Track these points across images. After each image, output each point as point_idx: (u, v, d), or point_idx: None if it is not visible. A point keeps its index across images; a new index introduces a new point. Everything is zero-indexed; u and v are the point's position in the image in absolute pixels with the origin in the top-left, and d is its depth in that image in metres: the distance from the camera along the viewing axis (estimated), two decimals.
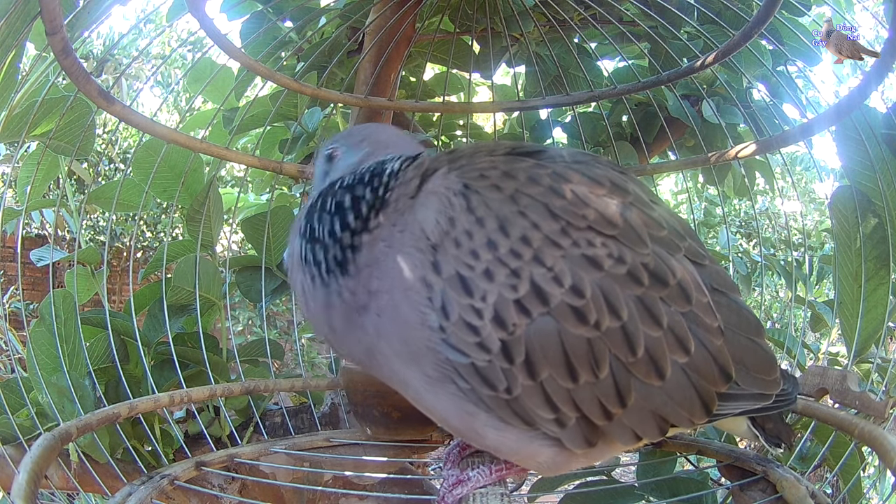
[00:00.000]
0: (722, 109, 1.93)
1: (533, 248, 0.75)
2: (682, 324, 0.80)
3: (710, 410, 0.84)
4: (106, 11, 1.32)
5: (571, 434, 0.79)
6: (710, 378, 0.83)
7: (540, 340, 0.74)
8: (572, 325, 0.74)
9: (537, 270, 0.74)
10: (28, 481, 0.86)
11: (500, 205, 0.77)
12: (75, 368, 1.46)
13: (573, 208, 0.78)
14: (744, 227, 6.06)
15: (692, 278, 0.83)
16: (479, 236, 0.75)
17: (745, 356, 0.88)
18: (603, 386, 0.76)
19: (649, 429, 0.82)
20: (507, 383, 0.75)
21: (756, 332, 0.90)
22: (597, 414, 0.78)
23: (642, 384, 0.78)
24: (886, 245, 1.36)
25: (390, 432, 1.37)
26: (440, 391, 0.80)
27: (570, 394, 0.76)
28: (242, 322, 5.63)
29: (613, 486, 1.54)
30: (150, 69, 8.36)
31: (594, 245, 0.77)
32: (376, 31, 1.81)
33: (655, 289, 0.79)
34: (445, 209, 0.78)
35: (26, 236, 5.93)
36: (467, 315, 0.74)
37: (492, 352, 0.74)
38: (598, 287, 0.75)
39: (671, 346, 0.79)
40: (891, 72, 1.15)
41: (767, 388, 0.89)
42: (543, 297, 0.74)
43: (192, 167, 1.70)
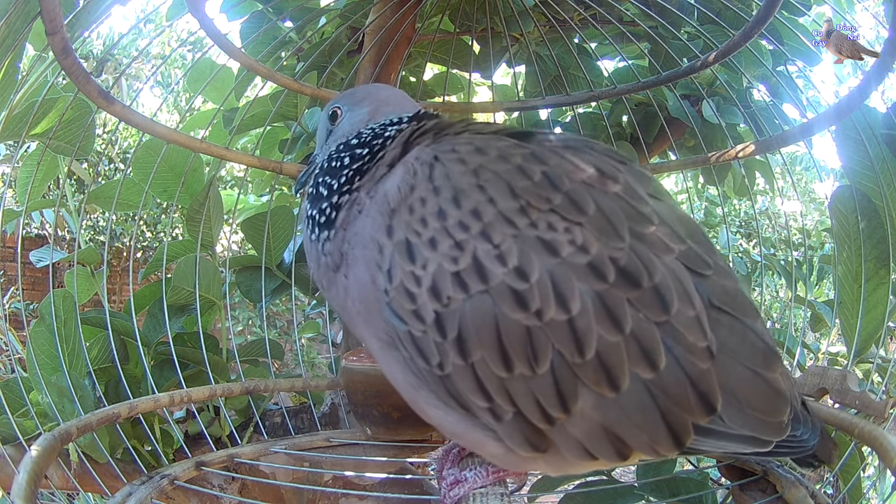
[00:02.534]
0: (722, 109, 1.93)
1: (482, 223, 0.71)
2: (652, 334, 0.71)
3: (681, 443, 0.73)
4: (106, 11, 1.32)
5: (509, 431, 0.73)
6: (684, 405, 0.72)
7: (474, 319, 0.70)
8: (510, 308, 0.69)
9: (482, 246, 0.70)
10: (28, 481, 0.86)
11: (460, 177, 0.74)
12: (75, 368, 1.46)
13: (537, 189, 0.73)
14: (744, 227, 6.06)
15: (678, 286, 0.73)
16: (431, 205, 0.73)
17: (741, 389, 0.74)
18: (541, 382, 0.70)
19: (603, 448, 0.73)
20: (440, 358, 0.72)
21: (764, 364, 0.76)
22: (535, 414, 0.71)
23: (591, 392, 0.70)
24: (886, 245, 1.36)
25: (390, 432, 1.37)
26: (390, 357, 0.79)
27: (504, 384, 0.70)
28: (242, 322, 5.63)
29: (613, 485, 1.53)
30: (150, 69, 8.36)
31: (555, 229, 0.71)
32: (376, 31, 1.81)
33: (623, 288, 0.70)
34: (408, 178, 0.77)
35: (26, 236, 5.93)
36: (408, 281, 0.72)
37: (426, 322, 0.72)
38: (547, 273, 0.69)
39: (633, 357, 0.70)
40: (891, 72, 1.15)
41: (766, 432, 0.76)
42: (483, 273, 0.70)
43: (191, 167, 1.70)
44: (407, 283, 0.72)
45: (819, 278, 2.71)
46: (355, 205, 0.83)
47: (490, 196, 0.72)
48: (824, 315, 1.95)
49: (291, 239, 1.84)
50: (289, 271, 1.80)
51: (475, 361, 0.70)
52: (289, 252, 1.87)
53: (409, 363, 0.76)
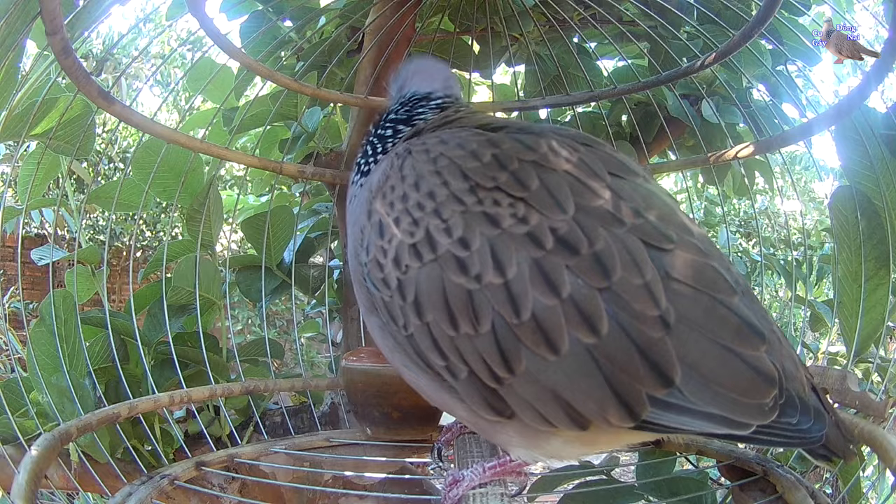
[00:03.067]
0: (721, 109, 1.93)
1: (436, 203, 0.81)
2: (593, 300, 0.73)
3: (635, 414, 0.73)
4: (106, 11, 1.32)
5: (467, 390, 0.79)
6: (632, 373, 0.73)
7: (426, 284, 0.79)
8: (454, 273, 0.77)
9: (434, 221, 0.80)
10: (28, 481, 0.86)
11: (422, 165, 0.85)
12: (75, 368, 1.46)
13: (485, 170, 0.82)
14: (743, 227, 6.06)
15: (625, 255, 0.75)
16: (398, 190, 0.85)
17: (706, 363, 0.74)
18: (484, 342, 0.76)
19: (556, 414, 0.75)
20: (404, 320, 0.81)
21: (737, 339, 0.75)
22: (483, 372, 0.77)
23: (532, 354, 0.74)
24: (886, 245, 1.36)
25: (390, 432, 1.38)
26: (373, 322, 0.90)
27: (454, 342, 0.78)
28: (242, 321, 5.64)
29: (613, 485, 1.54)
30: (150, 68, 8.36)
31: (498, 204, 0.79)
32: (376, 30, 1.81)
33: (561, 255, 0.75)
34: (386, 168, 0.90)
35: (26, 236, 5.93)
36: (378, 254, 0.84)
37: (391, 288, 0.82)
38: (487, 242, 0.77)
39: (571, 320, 0.73)
40: (891, 72, 1.15)
41: (742, 413, 0.74)
42: (433, 244, 0.79)
43: (191, 167, 1.70)
44: (378, 255, 0.84)
45: (819, 278, 2.71)
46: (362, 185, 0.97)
47: (444, 179, 0.83)
48: (824, 315, 1.95)
49: (291, 238, 1.84)
50: (289, 271, 1.81)
51: (429, 322, 0.79)
52: (289, 252, 1.87)
53: (385, 327, 0.86)
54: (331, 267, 1.99)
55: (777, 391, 0.75)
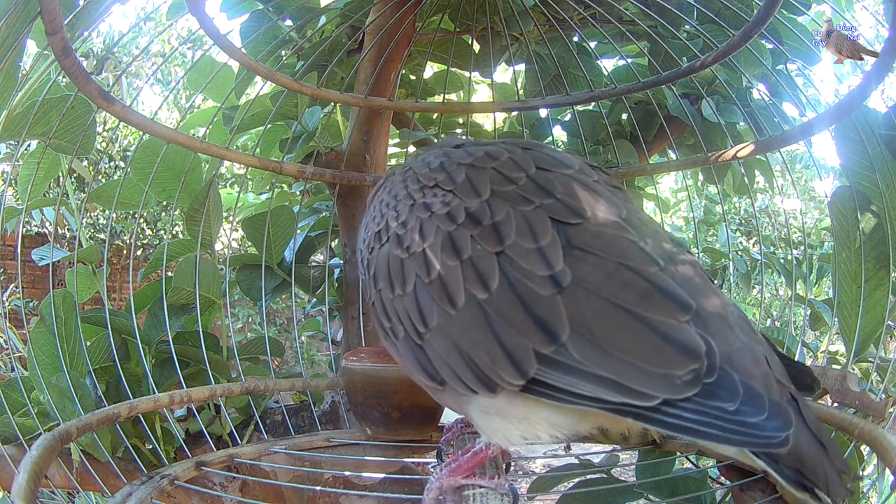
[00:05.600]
0: (721, 108, 1.93)
1: (396, 201, 1.00)
2: (489, 261, 0.83)
3: (523, 371, 0.76)
4: (106, 11, 1.32)
5: (404, 349, 0.91)
6: (520, 328, 0.77)
7: (380, 259, 0.96)
8: (395, 248, 0.94)
9: (390, 213, 0.98)
10: (28, 481, 0.86)
11: (396, 178, 1.05)
12: (75, 368, 1.46)
13: (431, 174, 0.98)
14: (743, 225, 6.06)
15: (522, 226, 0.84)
16: (378, 198, 1.06)
17: (599, 325, 0.74)
18: (409, 300, 0.89)
19: (462, 368, 0.82)
20: (370, 292, 0.99)
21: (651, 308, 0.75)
22: (411, 328, 0.89)
23: (440, 309, 0.85)
24: (886, 246, 1.36)
25: (390, 432, 1.38)
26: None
27: (393, 304, 0.92)
28: (242, 320, 5.64)
29: (612, 485, 1.54)
30: (151, 67, 8.36)
31: (435, 196, 0.94)
32: (376, 30, 1.81)
33: (468, 227, 0.87)
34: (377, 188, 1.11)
35: (26, 234, 5.94)
36: (361, 244, 1.05)
37: (365, 267, 1.01)
38: (419, 222, 0.92)
39: (468, 279, 0.83)
40: (891, 72, 1.15)
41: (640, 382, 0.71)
42: (388, 229, 0.97)
43: (191, 166, 1.70)
44: (360, 245, 1.05)
45: (819, 277, 2.71)
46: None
47: (406, 184, 1.01)
48: (823, 314, 1.95)
49: (292, 237, 1.84)
50: (289, 269, 1.81)
51: (381, 289, 0.95)
52: (289, 250, 1.87)
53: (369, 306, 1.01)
54: (331, 266, 1.99)
55: (700, 366, 0.70)
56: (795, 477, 0.72)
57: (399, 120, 2.23)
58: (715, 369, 0.71)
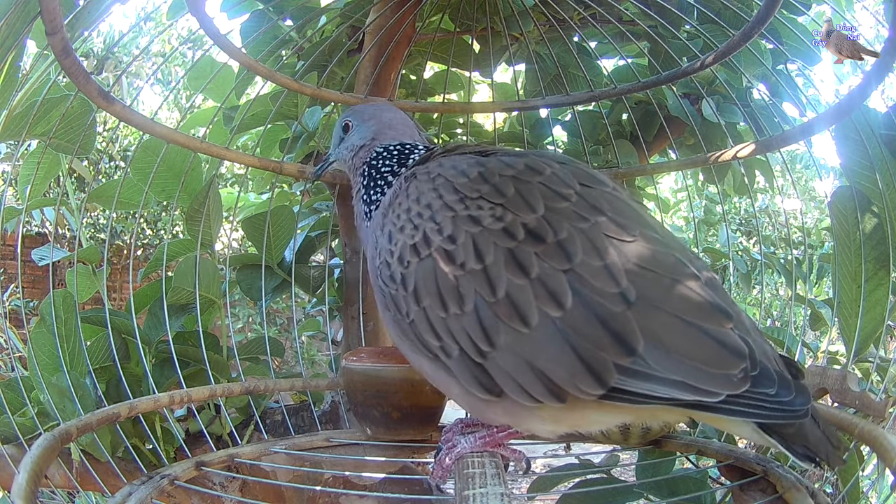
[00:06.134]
0: (722, 108, 1.93)
1: (432, 211, 0.97)
2: (558, 279, 0.86)
3: (603, 381, 0.82)
4: (106, 11, 1.32)
5: (459, 367, 0.91)
6: (598, 343, 0.83)
7: (423, 275, 0.94)
8: (444, 263, 0.92)
9: (429, 225, 0.96)
10: (28, 481, 0.86)
11: (423, 184, 1.02)
12: (76, 368, 1.46)
13: (472, 184, 0.97)
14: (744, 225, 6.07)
15: (587, 244, 0.87)
16: (403, 205, 1.02)
17: (669, 335, 0.83)
18: (469, 320, 0.89)
19: (533, 384, 0.86)
20: (406, 308, 0.96)
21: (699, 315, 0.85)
22: (470, 347, 0.89)
23: (508, 328, 0.86)
24: (886, 245, 1.36)
25: (390, 432, 1.38)
26: (387, 317, 1.03)
27: (445, 323, 0.91)
28: (242, 319, 5.64)
29: (612, 485, 1.54)
30: (151, 67, 8.36)
31: (481, 209, 0.93)
32: (377, 30, 1.81)
33: (531, 244, 0.88)
34: (396, 190, 1.07)
35: (26, 234, 5.94)
36: (388, 256, 1.00)
37: (396, 282, 0.98)
38: (471, 238, 0.91)
39: (540, 297, 0.85)
40: (891, 72, 1.15)
41: (709, 382, 0.81)
42: (428, 242, 0.95)
43: (191, 166, 1.70)
44: (387, 257, 1.00)
45: (819, 277, 2.71)
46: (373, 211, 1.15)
47: (440, 193, 0.98)
48: (823, 314, 1.95)
49: (292, 237, 1.84)
50: (289, 269, 1.81)
51: (426, 307, 0.93)
52: (289, 250, 1.87)
53: (395, 319, 1.00)
54: (331, 266, 1.99)
55: (747, 364, 0.82)
56: (803, 451, 0.84)
57: None
58: (756, 364, 0.83)
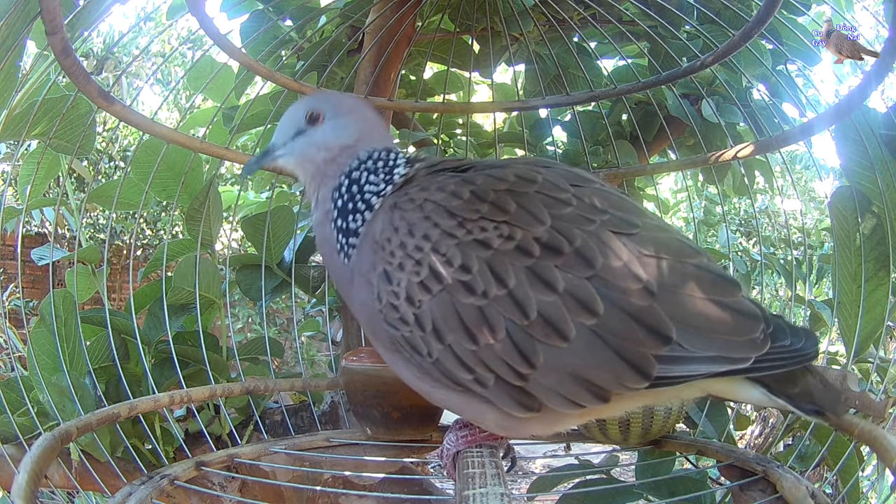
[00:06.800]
0: (721, 108, 1.93)
1: (431, 242, 0.90)
2: (585, 287, 0.85)
3: (647, 374, 0.84)
4: (106, 11, 1.32)
5: (497, 395, 0.89)
6: (634, 339, 0.84)
7: (441, 311, 0.89)
8: (463, 296, 0.87)
9: (434, 258, 0.89)
10: (28, 481, 0.86)
11: (410, 213, 0.94)
12: (75, 368, 1.46)
13: (468, 205, 0.92)
14: (743, 226, 6.07)
15: (601, 245, 0.88)
16: (394, 241, 0.93)
17: (695, 317, 0.86)
18: (504, 347, 0.86)
19: (579, 393, 0.86)
20: (427, 349, 0.90)
21: (715, 290, 0.88)
22: (509, 374, 0.87)
23: (547, 346, 0.85)
24: (886, 245, 1.36)
25: (390, 432, 1.38)
26: (396, 359, 0.98)
27: (477, 355, 0.87)
28: (242, 320, 5.64)
29: (612, 485, 1.54)
30: (151, 67, 8.36)
31: (486, 230, 0.89)
32: (376, 30, 1.81)
33: (549, 258, 0.87)
34: (379, 224, 0.97)
35: (26, 234, 5.93)
36: (391, 298, 0.92)
37: (409, 324, 0.91)
38: (485, 263, 0.87)
39: (572, 309, 0.85)
40: (891, 72, 1.15)
41: (738, 350, 0.85)
42: (439, 277, 0.89)
43: (191, 166, 1.70)
44: (391, 299, 0.92)
45: (818, 277, 2.71)
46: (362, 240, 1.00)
47: (434, 221, 0.92)
48: (823, 314, 1.95)
49: (291, 238, 1.84)
50: (289, 270, 1.81)
51: (451, 343, 0.88)
52: (289, 251, 1.87)
53: (410, 360, 0.94)
54: None
55: (763, 325, 0.86)
56: (810, 407, 0.89)
57: (399, 120, 2.23)
58: (770, 322, 0.87)
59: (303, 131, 1.09)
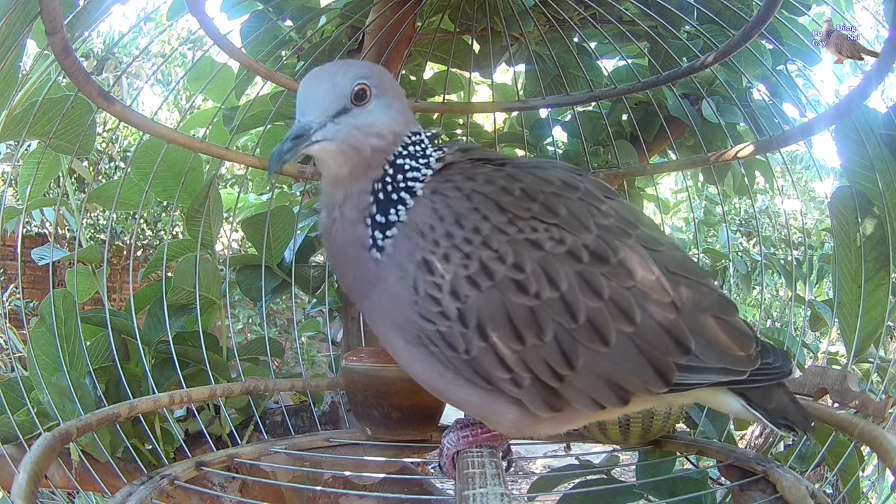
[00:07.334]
0: (722, 108, 1.93)
1: (482, 236, 0.88)
2: (626, 297, 0.89)
3: (668, 380, 0.91)
4: (106, 11, 1.32)
5: (530, 395, 0.90)
6: (662, 349, 0.90)
7: (488, 308, 0.87)
8: (514, 295, 0.87)
9: (485, 253, 0.88)
10: (28, 481, 0.86)
11: (458, 203, 0.91)
12: (75, 368, 1.46)
13: (519, 202, 0.91)
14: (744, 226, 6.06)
15: (639, 259, 0.92)
16: (439, 229, 0.90)
17: (707, 331, 0.94)
18: (549, 349, 0.87)
19: (606, 395, 0.91)
20: (465, 345, 0.88)
21: (722, 310, 0.96)
22: (548, 375, 0.88)
23: (588, 350, 0.88)
24: (886, 246, 1.36)
25: (390, 432, 1.38)
26: (418, 355, 0.94)
27: (520, 355, 0.88)
28: (242, 320, 5.64)
29: (612, 485, 1.54)
30: (151, 67, 8.36)
31: (537, 231, 0.89)
32: (376, 30, 1.81)
33: (596, 265, 0.89)
34: (421, 211, 0.93)
35: (26, 235, 5.93)
36: (431, 290, 0.88)
37: (451, 318, 0.88)
38: (538, 264, 0.88)
39: (614, 316, 0.88)
40: (891, 72, 1.15)
41: (738, 364, 0.94)
42: (489, 273, 0.87)
43: (191, 167, 1.70)
44: (430, 291, 0.89)
45: (819, 277, 2.71)
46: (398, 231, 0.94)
47: (484, 214, 0.90)
48: (824, 314, 1.95)
49: (292, 238, 1.84)
50: (289, 270, 1.81)
51: (494, 342, 0.87)
52: (289, 251, 1.87)
53: (437, 356, 0.92)
54: (330, 266, 1.99)
55: (755, 343, 0.96)
56: (784, 422, 0.98)
57: None
58: (759, 341, 0.97)
59: (348, 110, 0.93)
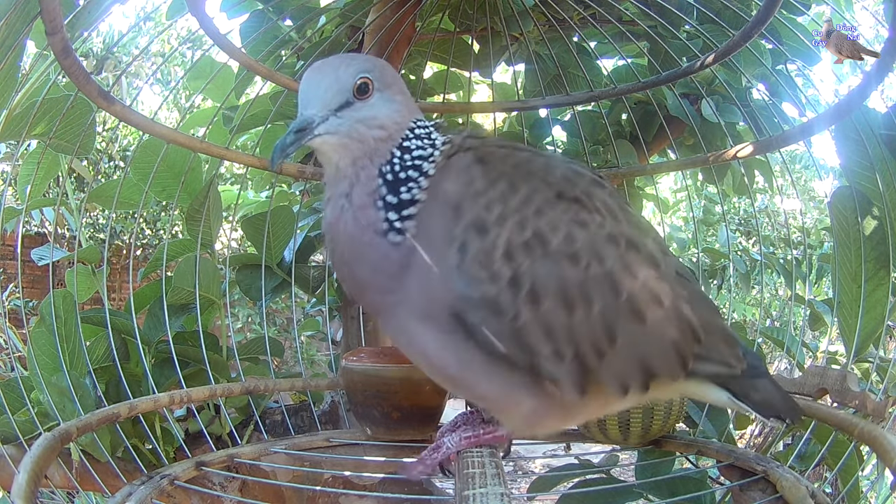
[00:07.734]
0: (721, 108, 1.93)
1: (535, 205, 0.89)
2: (656, 282, 0.94)
3: (686, 366, 0.96)
4: (106, 11, 1.32)
5: (566, 372, 0.89)
6: (685, 336, 0.96)
7: (542, 275, 0.87)
8: (566, 264, 0.88)
9: (539, 221, 0.88)
10: (28, 481, 0.86)
11: (511, 170, 0.92)
12: (75, 368, 1.46)
13: (562, 184, 0.93)
14: (743, 226, 6.06)
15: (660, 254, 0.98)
16: (492, 192, 0.89)
17: (709, 327, 1.00)
18: (594, 322, 0.89)
19: (634, 378, 0.94)
20: (515, 310, 0.86)
21: (715, 312, 1.06)
22: (590, 350, 0.89)
23: (626, 326, 0.91)
24: (886, 246, 1.36)
25: (390, 432, 1.38)
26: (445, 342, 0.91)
27: (567, 326, 0.88)
28: (242, 320, 5.64)
29: (612, 485, 1.54)
30: (151, 67, 8.36)
31: (580, 214, 0.91)
32: (376, 30, 1.81)
33: (631, 253, 0.93)
34: (464, 175, 0.91)
35: (26, 234, 5.93)
36: (482, 253, 0.86)
37: (501, 280, 0.86)
38: (588, 242, 0.90)
39: (646, 300, 0.92)
40: (891, 72, 1.15)
41: (735, 360, 1.01)
42: (543, 242, 0.87)
43: (191, 166, 1.70)
44: (481, 254, 0.86)
45: (818, 277, 2.72)
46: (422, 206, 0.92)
47: (534, 186, 0.91)
48: (823, 314, 1.95)
49: (291, 237, 1.84)
50: (289, 269, 1.81)
51: (546, 309, 0.87)
52: (289, 250, 1.87)
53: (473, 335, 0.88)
54: (331, 266, 1.99)
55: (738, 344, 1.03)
56: (769, 412, 1.04)
57: None
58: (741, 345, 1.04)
59: (350, 103, 0.94)
